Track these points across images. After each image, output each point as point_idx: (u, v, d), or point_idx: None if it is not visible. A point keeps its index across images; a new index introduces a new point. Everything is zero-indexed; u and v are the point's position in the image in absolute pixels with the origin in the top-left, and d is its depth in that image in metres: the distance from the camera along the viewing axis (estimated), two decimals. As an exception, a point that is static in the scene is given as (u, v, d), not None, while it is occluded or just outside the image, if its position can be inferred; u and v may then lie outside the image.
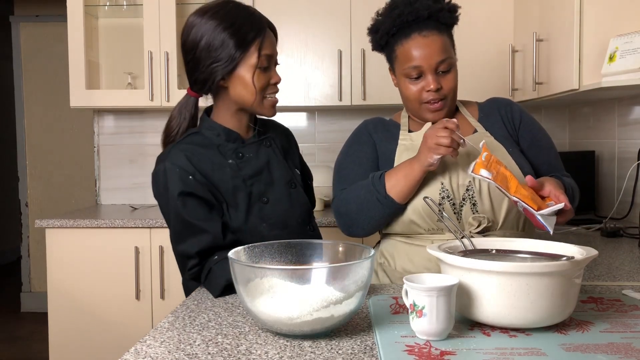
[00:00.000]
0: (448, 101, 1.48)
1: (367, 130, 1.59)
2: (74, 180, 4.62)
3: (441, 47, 1.44)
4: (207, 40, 1.35)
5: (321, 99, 2.92)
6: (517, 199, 1.24)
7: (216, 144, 1.42)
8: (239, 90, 1.39)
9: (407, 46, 1.45)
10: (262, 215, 1.41)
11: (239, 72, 1.37)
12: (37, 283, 4.62)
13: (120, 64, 3.26)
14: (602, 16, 2.03)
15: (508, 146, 1.48)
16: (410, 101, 1.50)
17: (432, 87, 1.44)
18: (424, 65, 1.44)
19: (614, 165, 2.53)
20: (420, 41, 1.44)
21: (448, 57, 1.45)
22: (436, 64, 1.43)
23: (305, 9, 2.86)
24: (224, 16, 1.36)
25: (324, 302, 0.96)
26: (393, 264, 1.50)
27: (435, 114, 1.49)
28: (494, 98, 1.61)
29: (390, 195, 1.41)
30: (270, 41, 1.40)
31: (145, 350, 0.95)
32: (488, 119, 1.54)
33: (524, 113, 1.57)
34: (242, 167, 1.42)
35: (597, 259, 1.70)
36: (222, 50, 1.35)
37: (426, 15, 1.43)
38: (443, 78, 1.46)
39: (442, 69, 1.45)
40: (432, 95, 1.45)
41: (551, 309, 0.98)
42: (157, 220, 2.64)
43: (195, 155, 1.38)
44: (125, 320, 2.67)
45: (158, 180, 1.38)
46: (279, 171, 1.47)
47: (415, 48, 1.44)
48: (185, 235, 1.35)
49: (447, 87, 1.46)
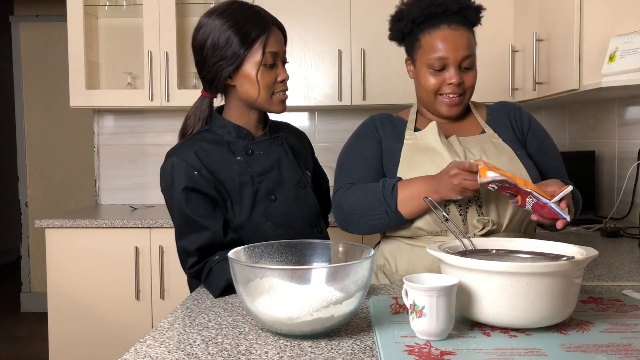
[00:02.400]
0: (465, 98, 1.49)
1: (373, 125, 1.57)
2: (74, 180, 4.62)
3: (468, 42, 1.45)
4: (212, 39, 1.38)
5: (321, 99, 2.92)
6: (530, 190, 1.23)
7: (227, 140, 1.44)
8: (246, 88, 1.40)
9: (434, 36, 1.45)
10: (267, 213, 1.41)
11: (245, 70, 1.39)
12: (37, 283, 4.62)
13: (120, 64, 3.26)
14: (602, 16, 2.03)
15: (515, 149, 1.47)
16: (427, 92, 1.49)
17: (454, 80, 1.44)
18: (449, 57, 1.44)
19: (614, 165, 2.53)
20: (449, 33, 1.44)
21: (472, 54, 1.46)
22: (462, 58, 1.44)
23: (305, 9, 2.86)
24: (229, 15, 1.39)
25: (324, 302, 0.96)
26: (394, 265, 1.49)
27: (451, 109, 1.48)
28: (503, 102, 1.62)
29: (399, 211, 1.39)
30: (275, 39, 1.41)
31: (145, 350, 0.95)
32: (496, 121, 1.54)
33: (532, 119, 1.57)
34: (251, 163, 1.42)
35: (597, 259, 1.70)
36: (227, 48, 1.37)
37: (455, 9, 1.45)
38: (465, 74, 1.46)
39: (466, 64, 1.45)
40: (453, 89, 1.45)
41: (551, 309, 0.98)
42: (157, 220, 2.64)
43: (204, 151, 1.40)
44: (125, 320, 2.67)
45: (165, 175, 1.40)
46: (289, 170, 1.47)
47: (443, 39, 1.44)
48: (187, 231, 1.36)
49: (468, 83, 1.47)
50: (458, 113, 1.50)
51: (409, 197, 1.38)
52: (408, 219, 1.41)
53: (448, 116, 1.50)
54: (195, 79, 3.12)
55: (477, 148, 1.45)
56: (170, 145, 1.47)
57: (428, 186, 1.36)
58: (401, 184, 1.41)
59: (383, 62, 2.86)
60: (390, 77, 2.85)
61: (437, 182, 1.34)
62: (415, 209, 1.39)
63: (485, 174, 1.24)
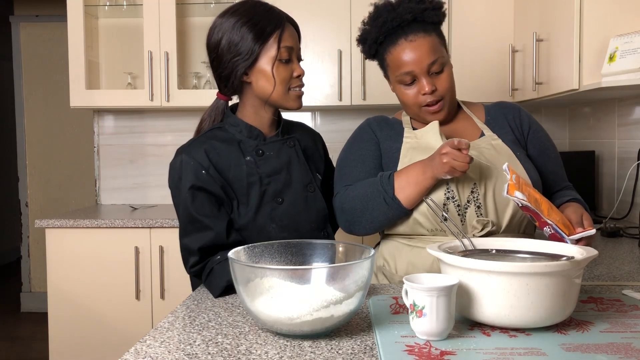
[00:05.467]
0: (446, 101, 1.47)
1: (370, 128, 1.57)
2: (74, 180, 4.62)
3: (429, 48, 1.42)
4: (227, 37, 1.39)
5: (321, 99, 2.91)
6: (551, 222, 1.22)
7: (238, 139, 1.44)
8: (262, 84, 1.41)
9: (395, 53, 1.45)
10: (273, 215, 1.41)
11: (260, 65, 1.39)
12: (37, 283, 4.62)
13: (120, 64, 3.26)
14: (602, 16, 2.03)
15: (515, 150, 1.47)
16: (409, 106, 1.49)
17: (426, 89, 1.43)
18: (415, 70, 1.43)
19: (614, 165, 2.53)
20: (407, 46, 1.43)
21: (439, 57, 1.43)
22: (427, 66, 1.42)
23: (305, 9, 2.86)
24: (243, 13, 1.40)
25: (324, 302, 0.96)
26: (394, 266, 1.49)
27: (435, 116, 1.48)
28: (501, 102, 1.60)
29: (397, 197, 1.39)
30: (290, 34, 1.41)
31: (145, 350, 0.95)
32: (495, 122, 1.53)
33: (532, 120, 1.56)
34: (261, 164, 1.42)
35: (597, 259, 1.70)
36: (242, 44, 1.38)
37: (410, 19, 1.42)
38: (437, 79, 1.45)
39: (435, 70, 1.44)
40: (429, 97, 1.44)
41: (551, 309, 0.98)
42: (157, 220, 2.64)
43: (214, 149, 1.40)
44: (125, 320, 2.67)
45: (174, 172, 1.40)
46: (299, 173, 1.47)
47: (404, 54, 1.43)
48: (190, 230, 1.36)
49: (442, 88, 1.45)
50: (445, 117, 1.49)
51: (405, 182, 1.38)
52: (407, 207, 1.40)
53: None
54: (195, 79, 3.12)
55: (476, 152, 1.45)
56: (170, 145, 1.48)
57: (423, 166, 1.37)
58: (397, 171, 1.42)
59: (383, 62, 2.85)
60: (390, 77, 2.85)
61: (430, 162, 1.36)
62: (413, 193, 1.38)
63: (512, 193, 1.22)
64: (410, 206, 1.40)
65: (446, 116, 1.49)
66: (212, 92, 1.72)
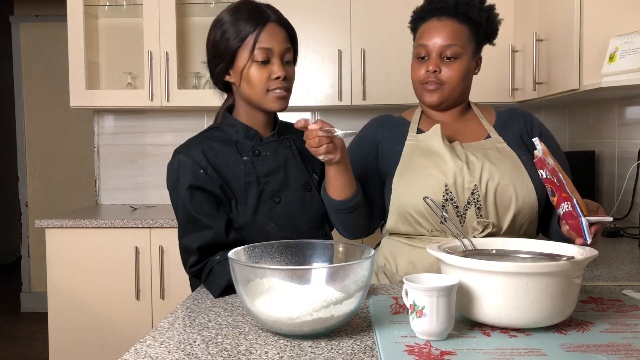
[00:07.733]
0: (445, 90, 1.47)
1: (371, 131, 1.58)
2: (74, 180, 4.62)
3: (451, 32, 1.45)
4: (213, 37, 1.42)
5: (321, 99, 2.91)
6: (573, 197, 1.19)
7: (235, 140, 1.45)
8: (242, 85, 1.41)
9: (424, 27, 1.50)
10: (271, 214, 1.41)
11: (238, 65, 1.40)
12: (37, 283, 4.62)
13: (120, 64, 3.26)
14: (602, 16, 2.03)
15: (521, 154, 1.46)
16: (413, 82, 1.53)
17: (431, 67, 1.46)
18: (429, 45, 1.46)
19: (614, 165, 2.53)
20: (434, 23, 1.48)
21: (456, 45, 1.45)
22: (441, 47, 1.45)
23: (305, 9, 2.86)
24: (228, 12, 1.42)
25: (324, 302, 0.96)
26: (394, 266, 1.49)
27: (430, 95, 1.48)
28: (514, 108, 1.60)
29: (327, 194, 1.41)
30: (270, 35, 1.39)
31: (145, 350, 0.95)
32: (505, 126, 1.53)
33: (543, 127, 1.56)
34: (258, 164, 1.43)
35: (597, 259, 1.70)
36: (221, 43, 1.40)
37: (453, 5, 1.47)
38: (446, 65, 1.46)
39: (448, 54, 1.45)
40: (431, 77, 1.46)
41: (551, 309, 0.98)
42: (157, 220, 2.64)
43: (211, 150, 1.40)
44: (125, 320, 2.67)
45: (172, 172, 1.41)
46: (295, 172, 1.47)
47: (428, 29, 1.48)
48: (189, 230, 1.36)
49: (446, 74, 1.46)
50: (438, 102, 1.49)
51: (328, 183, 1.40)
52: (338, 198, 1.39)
53: (429, 105, 1.51)
54: (195, 79, 3.11)
55: (480, 153, 1.45)
56: (170, 145, 1.48)
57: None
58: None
59: (383, 62, 2.86)
60: (390, 77, 2.85)
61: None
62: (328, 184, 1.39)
63: (547, 154, 1.24)
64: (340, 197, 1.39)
65: (441, 102, 1.49)
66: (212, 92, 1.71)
